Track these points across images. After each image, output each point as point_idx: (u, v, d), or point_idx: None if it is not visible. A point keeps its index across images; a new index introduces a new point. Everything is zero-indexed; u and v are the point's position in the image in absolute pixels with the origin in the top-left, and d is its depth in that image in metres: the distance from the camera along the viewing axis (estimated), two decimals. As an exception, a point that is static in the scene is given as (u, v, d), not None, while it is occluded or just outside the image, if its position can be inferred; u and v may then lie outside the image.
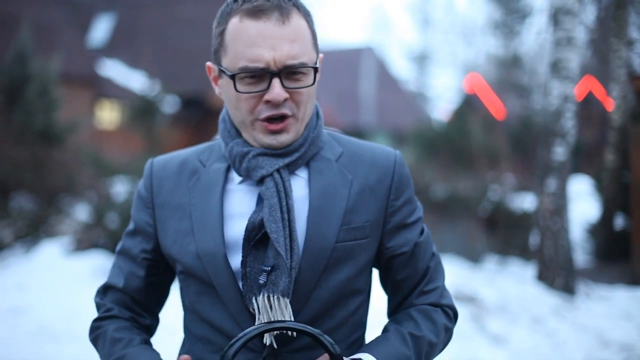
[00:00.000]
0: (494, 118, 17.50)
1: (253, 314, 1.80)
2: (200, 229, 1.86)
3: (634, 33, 10.50)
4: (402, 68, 51.06)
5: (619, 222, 10.16)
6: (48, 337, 5.69)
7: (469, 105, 19.49)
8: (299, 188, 1.87)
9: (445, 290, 1.97)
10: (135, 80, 21.88)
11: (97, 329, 1.96)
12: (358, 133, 28.84)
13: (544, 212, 7.59)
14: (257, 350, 1.81)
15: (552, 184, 7.55)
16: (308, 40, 1.82)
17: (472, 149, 11.89)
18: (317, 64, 1.85)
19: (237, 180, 1.89)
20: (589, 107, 16.21)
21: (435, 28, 42.70)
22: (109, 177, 9.51)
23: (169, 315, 2.09)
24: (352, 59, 38.74)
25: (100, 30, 28.48)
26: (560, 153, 7.55)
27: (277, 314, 1.76)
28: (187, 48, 24.91)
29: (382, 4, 72.52)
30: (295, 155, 1.86)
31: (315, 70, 1.83)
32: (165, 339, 2.08)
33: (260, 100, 1.80)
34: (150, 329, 2.04)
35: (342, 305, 1.87)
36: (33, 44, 9.95)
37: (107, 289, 2.01)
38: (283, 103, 1.80)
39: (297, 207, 1.84)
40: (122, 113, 23.26)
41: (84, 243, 8.36)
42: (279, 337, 1.80)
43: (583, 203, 11.85)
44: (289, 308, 1.77)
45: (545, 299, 6.92)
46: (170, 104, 18.46)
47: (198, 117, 23.84)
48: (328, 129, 2.01)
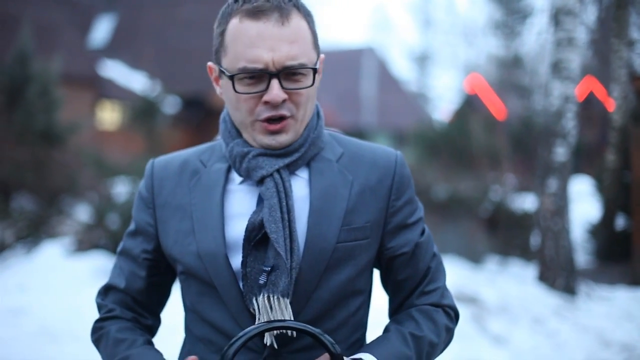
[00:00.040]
0: (495, 118, 17.48)
1: (254, 314, 1.79)
2: (201, 229, 1.86)
3: (635, 33, 10.49)
4: (403, 68, 51.11)
5: (620, 222, 10.15)
6: (49, 337, 5.69)
7: (470, 106, 19.51)
8: (300, 188, 1.87)
9: (447, 291, 1.97)
10: (136, 81, 21.89)
11: (99, 330, 1.95)
12: (359, 133, 28.83)
13: (545, 212, 7.59)
14: (257, 351, 1.81)
15: (553, 185, 7.55)
16: (308, 41, 1.82)
17: (473, 150, 11.89)
18: (317, 65, 1.84)
19: (237, 181, 1.89)
20: (590, 107, 16.20)
21: (436, 28, 42.73)
22: (110, 177, 9.51)
23: (170, 316, 2.09)
24: (353, 60, 38.74)
25: (101, 31, 28.49)
26: (561, 153, 7.55)
27: (277, 315, 1.75)
28: (188, 48, 24.91)
29: (383, 5, 72.66)
30: (295, 156, 1.85)
31: (315, 71, 1.82)
32: (166, 339, 2.08)
33: (260, 101, 1.80)
34: (152, 330, 2.03)
35: (342, 306, 1.87)
36: (34, 45, 9.96)
37: (108, 290, 2.00)
38: (282, 104, 1.79)
39: (297, 207, 1.84)
40: (123, 113, 23.29)
41: (85, 244, 8.36)
42: (280, 337, 1.80)
43: (584, 203, 11.84)
44: (289, 308, 1.76)
45: (546, 300, 6.92)
46: (171, 105, 18.46)
47: (199, 117, 23.84)
48: (329, 130, 2.01)
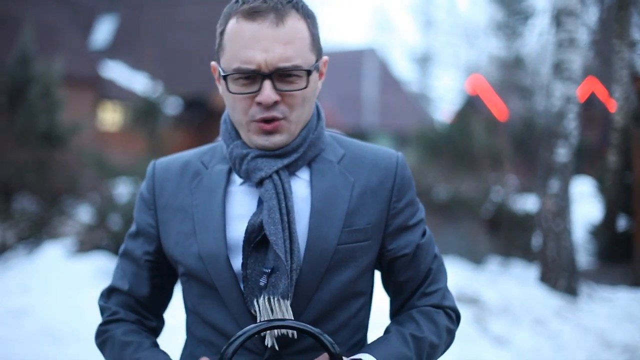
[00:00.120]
0: (497, 119, 17.48)
1: (255, 316, 1.79)
2: (203, 231, 1.85)
3: (637, 34, 10.48)
4: (404, 69, 51.12)
5: (622, 223, 10.14)
6: (50, 338, 5.69)
7: (472, 107, 19.51)
8: (301, 189, 1.86)
9: (448, 292, 1.96)
10: (138, 82, 21.88)
11: (104, 333, 1.95)
12: (360, 134, 28.83)
13: (547, 213, 7.59)
14: (258, 352, 1.81)
15: (554, 185, 7.55)
16: (304, 43, 1.81)
17: (474, 151, 11.88)
18: (314, 67, 1.83)
19: (238, 182, 1.89)
20: (592, 108, 16.18)
21: (438, 29, 42.68)
22: (112, 178, 9.52)
23: (171, 317, 2.09)
24: (354, 61, 38.72)
25: (103, 32, 28.51)
26: (563, 154, 7.54)
27: (277, 316, 1.75)
28: (189, 49, 24.92)
29: (384, 6, 72.62)
30: (294, 156, 1.85)
31: (309, 73, 1.81)
32: (168, 341, 2.08)
33: (253, 102, 1.80)
34: (156, 331, 2.03)
35: (343, 307, 1.87)
36: (35, 46, 9.96)
37: (111, 292, 2.00)
38: (274, 106, 1.79)
39: (298, 208, 1.84)
40: (124, 114, 23.29)
41: (87, 244, 8.36)
42: (281, 339, 1.79)
43: (585, 204, 11.82)
44: (290, 310, 1.76)
45: (548, 301, 6.91)
46: (173, 106, 18.44)
47: (200, 118, 23.84)
48: (330, 131, 2.00)
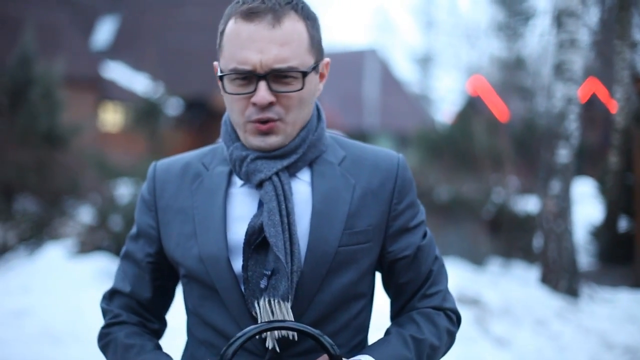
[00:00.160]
0: (498, 120, 17.45)
1: (255, 318, 1.79)
2: (203, 232, 1.85)
3: (638, 35, 10.47)
4: (405, 70, 51.19)
5: (623, 224, 10.13)
6: (51, 339, 5.70)
7: (473, 108, 19.49)
8: (302, 191, 1.86)
9: (448, 294, 1.96)
10: (139, 83, 21.88)
11: (106, 336, 1.95)
12: (361, 135, 28.85)
13: (548, 214, 7.58)
14: (258, 354, 1.81)
15: (555, 187, 7.54)
16: (302, 45, 1.80)
17: (475, 152, 11.88)
18: (310, 69, 1.82)
19: (239, 184, 1.89)
20: (593, 109, 16.17)
21: (439, 30, 42.63)
22: (113, 179, 9.51)
23: (172, 318, 2.09)
24: (355, 61, 38.71)
25: (104, 33, 28.51)
26: (564, 155, 7.54)
27: (278, 318, 1.75)
28: (190, 50, 24.92)
29: (385, 6, 72.61)
30: (294, 157, 1.85)
31: (305, 75, 1.80)
32: (169, 342, 2.08)
33: (249, 103, 1.80)
34: (159, 333, 2.03)
35: (344, 309, 1.87)
36: (36, 46, 9.96)
37: (113, 294, 2.00)
38: (270, 107, 1.79)
39: (299, 210, 1.83)
40: (125, 115, 23.29)
41: (88, 245, 8.36)
42: (281, 340, 1.79)
43: (587, 205, 11.82)
44: (290, 312, 1.76)
45: (549, 302, 6.91)
46: (174, 106, 18.42)
47: (202, 119, 23.84)
48: (331, 132, 2.00)
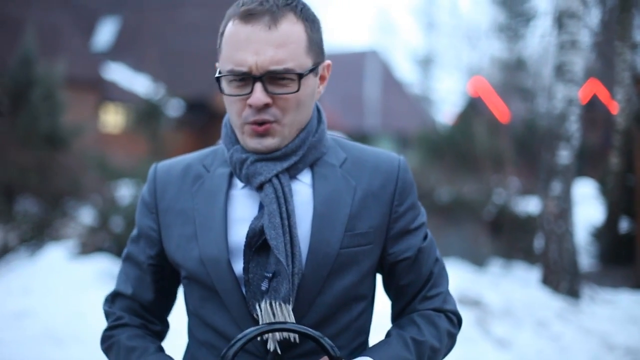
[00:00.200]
0: (499, 121, 17.46)
1: (256, 319, 1.79)
2: (204, 234, 1.85)
3: (639, 36, 10.48)
4: (406, 71, 51.23)
5: (624, 225, 10.13)
6: (53, 340, 5.70)
7: (474, 109, 19.49)
8: (303, 193, 1.86)
9: (449, 296, 1.96)
10: (140, 84, 21.88)
11: (109, 339, 1.95)
12: (362, 136, 28.88)
13: (549, 215, 7.58)
14: (259, 356, 1.81)
15: (556, 188, 7.54)
16: (300, 46, 1.79)
17: (476, 153, 11.89)
18: (307, 71, 1.81)
19: (240, 186, 1.89)
20: (594, 110, 16.19)
21: (440, 31, 42.64)
22: (114, 180, 9.51)
23: (173, 319, 2.09)
24: (356, 63, 38.74)
25: (105, 34, 28.53)
26: (565, 156, 7.54)
27: (279, 320, 1.75)
28: (191, 51, 24.93)
29: (386, 7, 72.60)
30: (294, 159, 1.84)
31: (301, 77, 1.79)
32: (169, 343, 2.08)
33: (246, 104, 1.80)
34: (161, 335, 2.04)
35: (345, 311, 1.87)
36: (37, 48, 9.98)
37: (115, 297, 2.00)
38: (266, 108, 1.79)
39: (301, 212, 1.83)
40: (126, 116, 23.30)
41: (89, 246, 8.36)
42: (282, 342, 1.79)
43: (588, 206, 11.81)
44: (292, 315, 1.76)
45: (550, 303, 6.90)
46: (175, 108, 18.41)
47: (203, 120, 23.85)
48: (332, 134, 2.00)
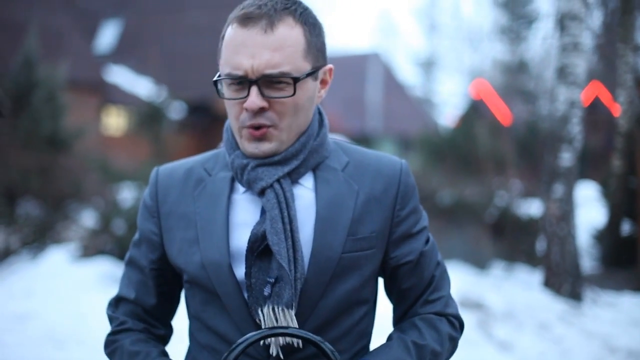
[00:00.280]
0: (501, 124, 17.46)
1: (258, 324, 1.79)
2: (206, 239, 1.85)
3: (641, 38, 10.47)
4: (408, 74, 51.16)
5: (626, 228, 10.12)
6: (55, 342, 5.70)
7: (476, 111, 19.48)
8: (305, 197, 1.86)
9: (451, 300, 1.96)
10: (142, 87, 21.92)
11: (113, 343, 1.95)
12: (364, 139, 28.88)
13: (551, 218, 7.57)
14: (261, 360, 1.82)
15: (558, 190, 7.53)
16: (297, 50, 1.79)
17: (478, 155, 11.88)
18: (304, 75, 1.80)
19: (241, 190, 1.89)
20: (596, 112, 16.18)
21: (442, 34, 42.70)
22: (116, 183, 9.52)
23: (175, 323, 2.09)
24: (358, 65, 38.73)
25: (107, 37, 28.55)
26: (567, 159, 7.53)
27: (282, 325, 1.75)
28: (194, 54, 24.95)
29: (388, 10, 72.62)
30: (295, 163, 1.84)
31: (296, 81, 1.78)
32: (171, 347, 2.08)
33: (243, 108, 1.80)
34: (165, 339, 2.04)
35: (347, 315, 1.86)
36: (39, 51, 9.98)
37: (118, 301, 2.00)
38: (262, 112, 1.78)
39: (303, 216, 1.83)
40: (128, 119, 23.30)
41: (91, 249, 8.36)
42: (285, 346, 1.79)
43: (590, 209, 11.80)
44: (295, 320, 1.76)
45: (552, 305, 6.90)
46: (177, 110, 18.47)
47: (205, 123, 23.86)
48: (334, 138, 1.99)
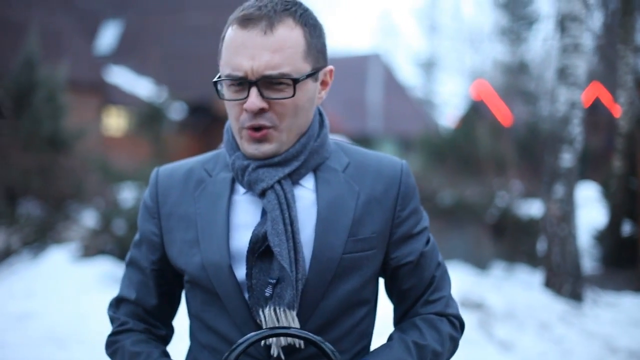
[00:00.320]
0: (501, 124, 17.46)
1: (258, 324, 1.80)
2: (206, 240, 1.85)
3: (641, 39, 10.47)
4: (409, 75, 51.10)
5: (627, 228, 10.11)
6: (55, 342, 5.70)
7: (476, 112, 19.47)
8: (306, 198, 1.86)
9: (451, 300, 1.96)
10: (143, 87, 21.93)
11: (114, 344, 1.96)
12: (365, 140, 28.88)
13: (551, 218, 7.57)
14: (261, 360, 1.82)
15: (559, 191, 7.53)
16: (296, 51, 1.79)
17: (479, 156, 11.88)
18: (304, 76, 1.80)
19: (242, 191, 1.89)
20: (596, 113, 16.17)
21: (442, 35, 42.68)
22: (116, 183, 9.52)
23: (175, 323, 2.09)
24: (359, 66, 38.73)
25: (108, 37, 28.57)
26: (568, 159, 7.53)
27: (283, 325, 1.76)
28: (194, 55, 24.95)
29: (389, 11, 72.64)
30: (295, 165, 1.84)
31: (296, 82, 1.78)
32: (171, 346, 2.08)
33: (243, 109, 1.80)
34: (166, 339, 2.04)
35: (348, 315, 1.87)
36: (40, 51, 9.98)
37: (119, 302, 2.00)
38: (262, 113, 1.78)
39: (304, 217, 1.83)
40: (129, 119, 23.31)
41: (91, 249, 8.36)
42: (286, 347, 1.79)
43: (590, 209, 11.80)
44: (296, 320, 1.76)
45: (553, 306, 6.90)
46: (178, 111, 18.47)
47: (205, 123, 23.87)
48: (334, 138, 1.99)
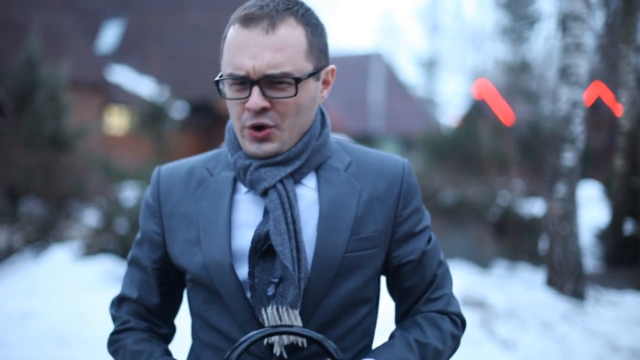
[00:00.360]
0: (503, 124, 17.46)
1: (261, 323, 1.80)
2: (208, 239, 1.85)
3: (643, 38, 10.46)
4: (410, 74, 51.03)
5: (628, 227, 10.11)
6: (57, 341, 5.70)
7: (478, 111, 19.50)
8: (308, 197, 1.86)
9: (453, 298, 1.97)
10: (144, 86, 21.91)
11: (116, 342, 1.96)
12: (367, 139, 28.87)
13: (553, 217, 7.57)
14: (264, 358, 1.81)
15: (561, 190, 7.53)
16: (298, 51, 1.79)
17: (481, 155, 11.88)
18: (306, 76, 1.80)
19: (244, 190, 1.89)
20: (598, 112, 16.17)
21: (444, 34, 42.66)
22: (118, 182, 9.53)
23: (177, 321, 2.10)
24: (360, 65, 38.73)
25: (109, 36, 28.58)
26: (569, 158, 7.53)
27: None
28: (196, 54, 24.95)
29: (390, 10, 72.63)
30: (297, 164, 1.84)
31: (298, 81, 1.78)
32: (173, 345, 2.08)
33: (244, 108, 1.80)
34: (168, 338, 2.04)
35: (350, 314, 1.87)
36: (42, 50, 10.00)
37: (121, 301, 2.01)
38: (264, 113, 1.78)
39: (306, 216, 1.83)
40: (131, 119, 23.32)
41: (93, 248, 8.37)
42: (288, 346, 1.80)
43: (592, 208, 11.79)
44: (299, 319, 1.77)
45: (555, 304, 6.90)
46: (179, 110, 18.48)
47: (207, 122, 23.86)
48: (336, 138, 2.00)
